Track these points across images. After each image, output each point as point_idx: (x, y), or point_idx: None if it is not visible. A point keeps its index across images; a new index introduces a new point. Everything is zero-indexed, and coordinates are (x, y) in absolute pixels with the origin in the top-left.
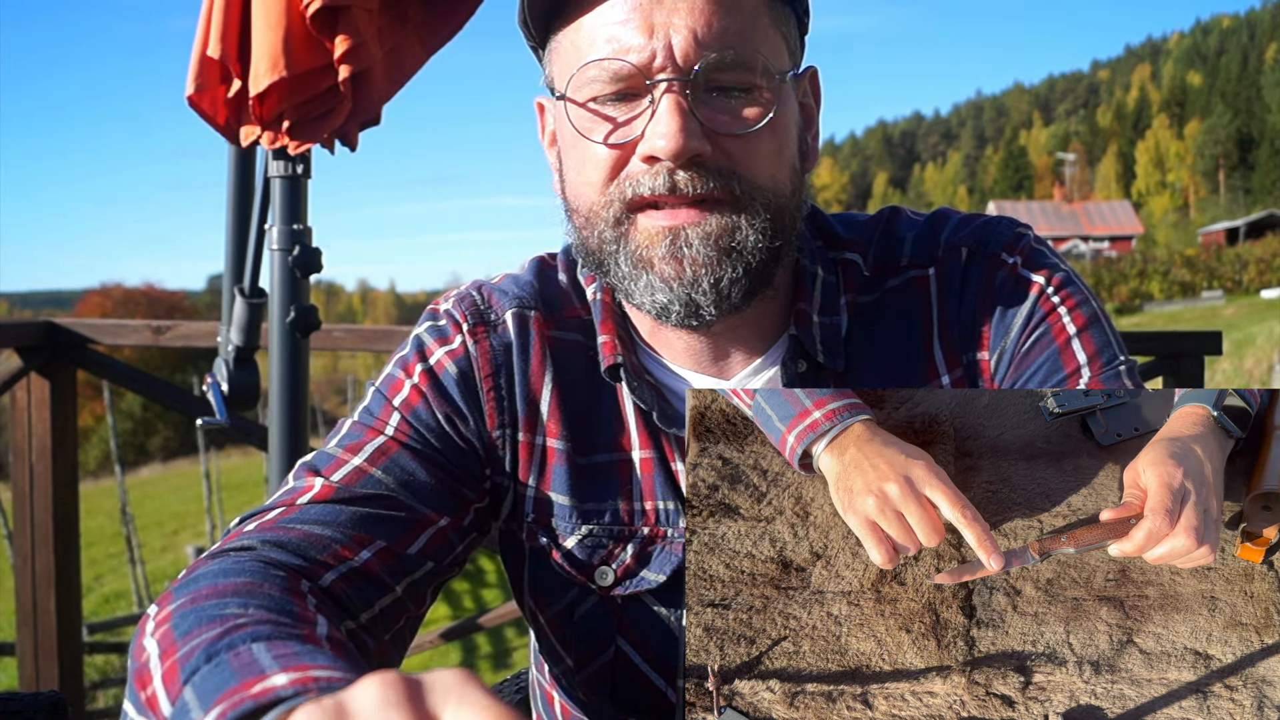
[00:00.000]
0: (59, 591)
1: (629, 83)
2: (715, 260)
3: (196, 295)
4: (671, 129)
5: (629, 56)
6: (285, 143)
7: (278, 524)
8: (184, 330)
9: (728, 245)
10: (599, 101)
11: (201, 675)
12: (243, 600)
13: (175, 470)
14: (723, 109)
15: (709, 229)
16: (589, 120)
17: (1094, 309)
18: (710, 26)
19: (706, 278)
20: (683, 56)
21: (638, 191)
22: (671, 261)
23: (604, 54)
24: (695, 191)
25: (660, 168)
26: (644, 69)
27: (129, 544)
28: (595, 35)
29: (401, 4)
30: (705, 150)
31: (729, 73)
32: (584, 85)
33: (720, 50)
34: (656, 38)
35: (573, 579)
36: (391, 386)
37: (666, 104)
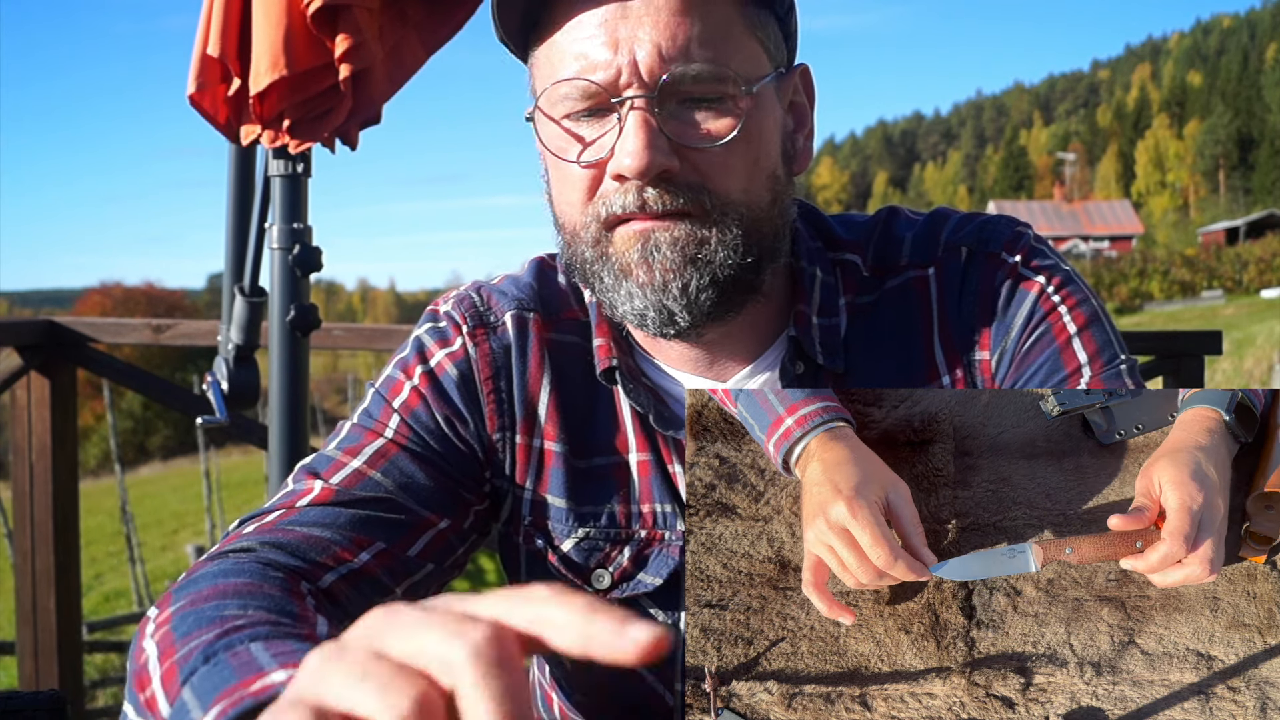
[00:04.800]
0: (59, 590)
1: (597, 100)
2: (681, 266)
3: (196, 294)
4: (637, 146)
5: (595, 74)
6: (286, 141)
7: (277, 526)
8: (184, 329)
9: (694, 255)
10: (572, 119)
11: (200, 675)
12: (242, 601)
13: (175, 469)
14: (691, 122)
15: (677, 235)
16: (563, 139)
17: (1094, 308)
18: (676, 40)
19: (675, 283)
20: (648, 72)
21: (611, 210)
22: (643, 266)
23: (573, 71)
24: (665, 208)
25: (629, 185)
26: (609, 87)
27: (129, 543)
28: (566, 52)
29: (402, 3)
30: (673, 166)
31: (697, 85)
32: (556, 103)
33: (686, 63)
34: (621, 53)
35: (570, 582)
36: (391, 388)
37: (633, 121)
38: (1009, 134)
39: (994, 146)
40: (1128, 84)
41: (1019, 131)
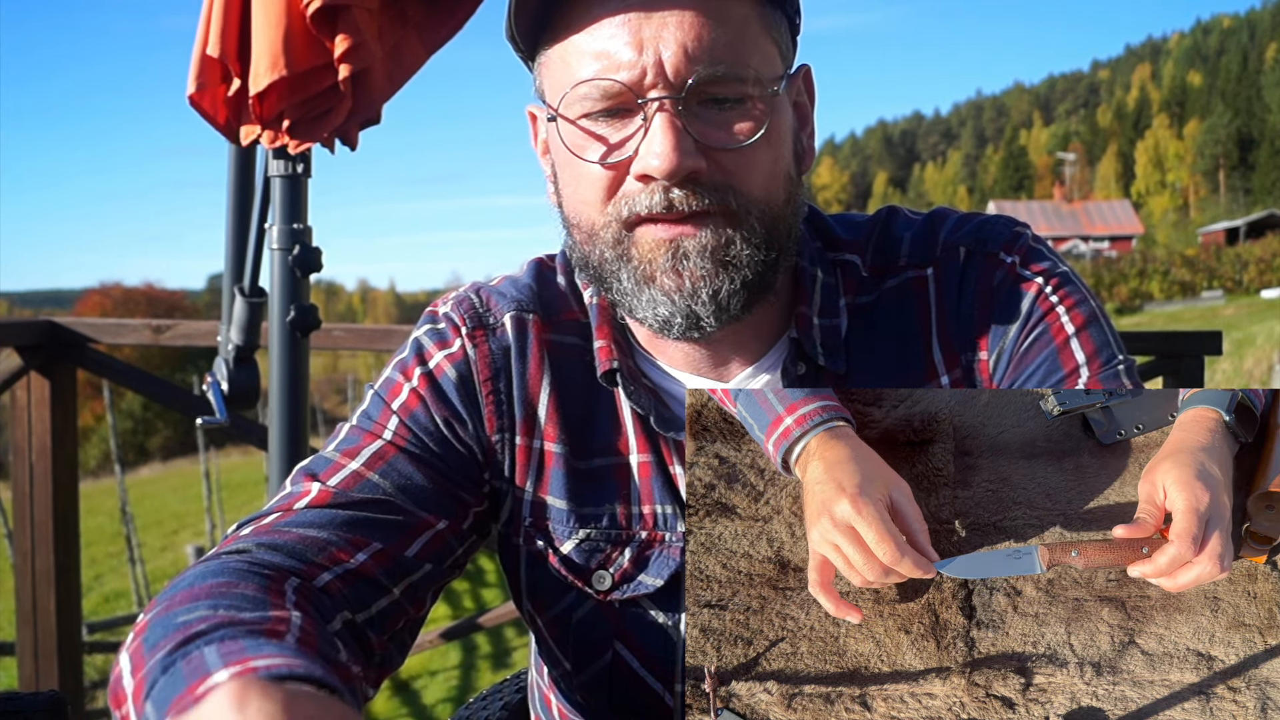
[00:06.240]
0: (59, 591)
1: (620, 100)
2: (712, 273)
3: (196, 294)
4: (665, 148)
5: (619, 74)
6: (285, 142)
7: (274, 528)
8: (184, 329)
9: (723, 259)
10: (591, 119)
11: (159, 687)
12: (213, 602)
13: (175, 470)
14: (716, 123)
15: (705, 241)
16: (582, 139)
17: (1092, 308)
18: (700, 40)
19: (705, 289)
20: (674, 72)
21: (634, 210)
22: (672, 274)
23: (594, 70)
24: (691, 208)
25: (655, 186)
26: (635, 87)
27: (129, 543)
28: (585, 51)
29: (402, 3)
30: (700, 167)
31: (721, 85)
32: (575, 103)
33: (711, 64)
34: (646, 53)
35: (570, 583)
36: (390, 390)
37: (659, 122)
38: (1009, 134)
39: (994, 146)
40: (1128, 84)
41: (1019, 131)
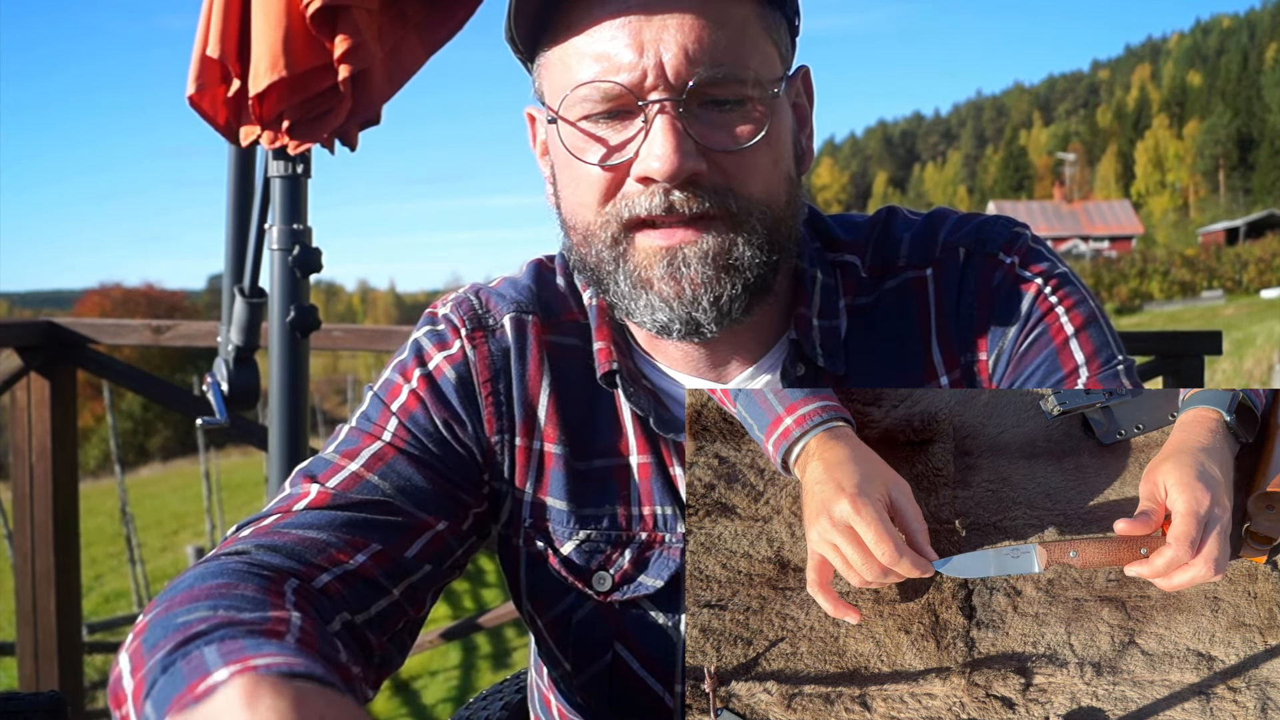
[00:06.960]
0: (59, 591)
1: (620, 101)
2: (714, 279)
3: (196, 295)
4: (666, 150)
5: (619, 76)
6: (285, 142)
7: (273, 529)
8: (184, 330)
9: (725, 263)
10: (591, 120)
11: (159, 687)
12: (213, 603)
13: (175, 470)
14: (717, 125)
15: (706, 247)
16: (581, 140)
17: (1092, 308)
18: (701, 42)
19: (706, 296)
20: (674, 74)
21: (634, 212)
22: (670, 281)
23: (594, 72)
24: (692, 211)
25: (656, 188)
26: (635, 89)
27: (129, 544)
28: (585, 53)
29: (401, 3)
30: (701, 169)
31: (721, 87)
32: (575, 104)
33: (711, 66)
34: (647, 55)
35: (570, 584)
36: (390, 392)
37: (660, 124)
38: (1009, 134)
39: (994, 147)
40: (1128, 84)
41: (1019, 132)
